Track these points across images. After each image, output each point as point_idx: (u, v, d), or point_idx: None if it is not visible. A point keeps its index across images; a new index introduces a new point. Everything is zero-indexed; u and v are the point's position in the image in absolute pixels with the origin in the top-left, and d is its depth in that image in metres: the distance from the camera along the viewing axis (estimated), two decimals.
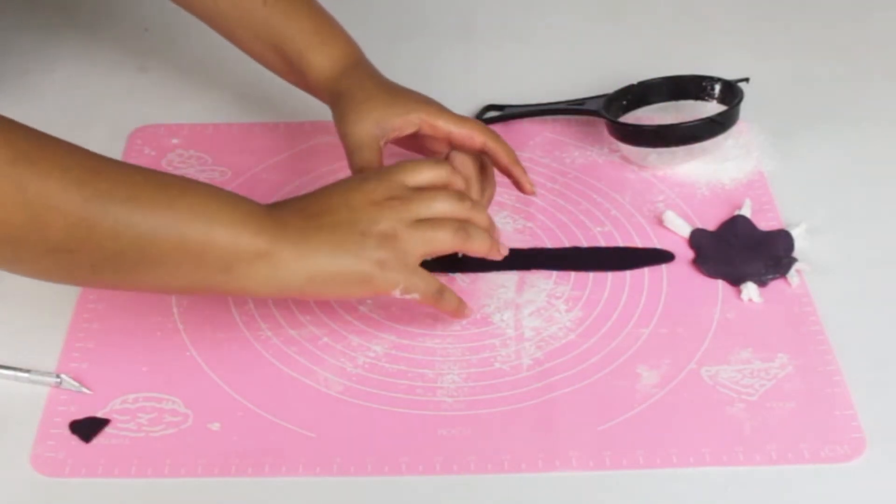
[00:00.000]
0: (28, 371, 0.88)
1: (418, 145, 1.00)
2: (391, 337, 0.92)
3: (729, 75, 1.10)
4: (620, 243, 1.01)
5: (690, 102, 1.12)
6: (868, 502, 0.82)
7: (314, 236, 0.84)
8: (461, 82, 1.02)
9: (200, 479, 0.83)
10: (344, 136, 0.98)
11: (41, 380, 0.88)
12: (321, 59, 1.01)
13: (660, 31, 1.28)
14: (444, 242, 0.88)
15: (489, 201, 0.98)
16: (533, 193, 0.99)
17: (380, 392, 0.88)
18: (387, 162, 0.95)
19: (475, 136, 0.96)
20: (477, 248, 0.89)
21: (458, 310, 0.91)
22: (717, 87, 1.11)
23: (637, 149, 1.08)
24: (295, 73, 1.03)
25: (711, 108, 1.10)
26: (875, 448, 0.84)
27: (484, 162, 0.98)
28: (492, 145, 0.97)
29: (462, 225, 0.88)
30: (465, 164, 0.95)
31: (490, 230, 0.91)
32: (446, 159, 0.95)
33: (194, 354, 0.91)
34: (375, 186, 0.87)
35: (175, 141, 1.12)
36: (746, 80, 1.09)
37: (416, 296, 0.87)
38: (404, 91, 0.99)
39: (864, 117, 1.15)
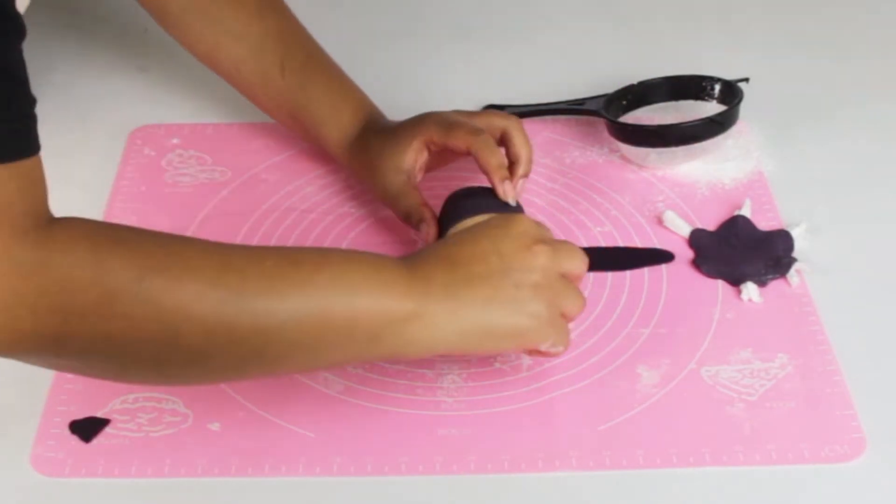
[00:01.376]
0: None
1: (448, 155, 0.99)
2: None
3: (729, 75, 1.10)
4: (620, 243, 1.01)
5: (690, 102, 1.12)
6: (868, 502, 0.82)
7: (464, 290, 0.79)
8: (461, 82, 1.02)
9: (200, 479, 0.83)
10: (380, 198, 1.00)
11: None
12: (334, 132, 1.02)
13: (660, 31, 1.28)
14: (578, 308, 0.83)
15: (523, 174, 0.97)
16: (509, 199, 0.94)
17: (380, 392, 0.88)
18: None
19: (465, 146, 0.95)
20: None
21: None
22: (717, 87, 1.11)
23: (637, 149, 1.08)
24: (315, 141, 1.06)
25: (711, 108, 1.10)
26: (875, 448, 0.84)
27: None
28: (475, 151, 0.94)
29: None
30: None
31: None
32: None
33: None
34: (524, 230, 0.83)
35: (175, 141, 1.12)
36: (746, 80, 1.09)
37: (559, 349, 0.83)
38: (402, 127, 0.99)
39: (864, 117, 1.15)
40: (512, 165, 0.96)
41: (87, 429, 0.85)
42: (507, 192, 0.94)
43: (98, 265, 0.70)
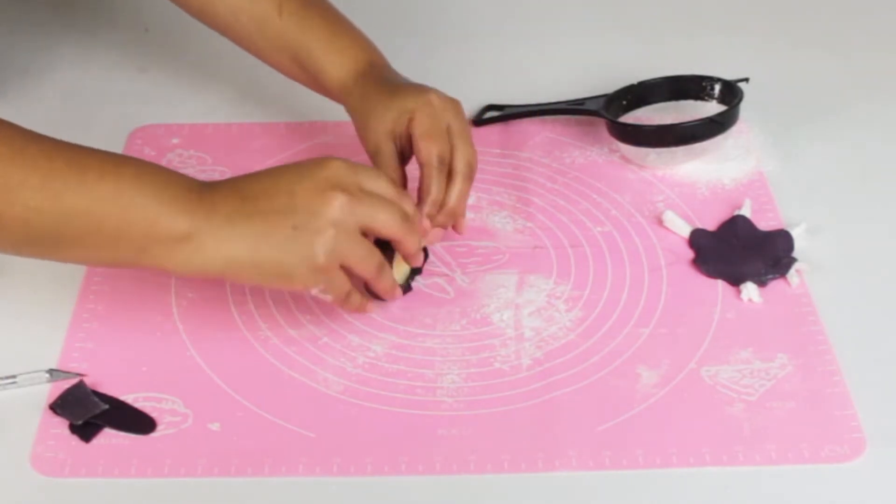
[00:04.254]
0: (14, 377, 0.88)
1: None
2: (391, 337, 0.92)
3: (729, 75, 1.10)
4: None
5: (690, 102, 1.12)
6: (868, 502, 0.82)
7: (241, 223, 0.82)
8: (461, 82, 1.02)
9: (200, 479, 0.83)
10: (362, 143, 0.99)
11: (32, 379, 0.88)
12: (335, 69, 1.01)
13: (660, 31, 1.28)
14: (365, 265, 0.85)
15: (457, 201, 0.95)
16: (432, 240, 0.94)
17: (380, 392, 0.88)
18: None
19: (421, 159, 0.94)
20: (380, 286, 0.88)
21: (360, 307, 0.89)
22: (717, 87, 1.11)
23: (637, 149, 1.08)
24: (315, 83, 1.04)
25: (711, 108, 1.10)
26: (875, 448, 0.84)
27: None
28: (425, 175, 0.93)
29: (382, 261, 0.87)
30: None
31: (414, 257, 0.90)
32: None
33: (194, 354, 0.91)
34: (329, 175, 0.83)
35: (175, 141, 1.12)
36: (746, 80, 1.10)
37: (329, 297, 0.86)
38: (403, 91, 0.97)
39: (865, 117, 1.15)
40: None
41: (87, 429, 0.85)
42: (427, 227, 0.92)
43: None
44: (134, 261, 0.83)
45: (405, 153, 0.97)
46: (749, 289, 0.95)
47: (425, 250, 0.93)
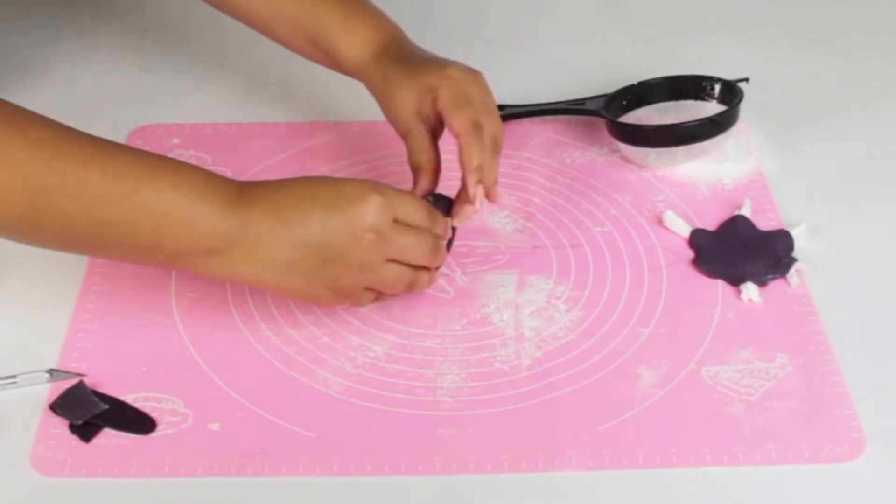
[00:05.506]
0: (14, 377, 0.88)
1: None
2: (391, 337, 0.92)
3: (729, 75, 1.10)
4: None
5: (690, 102, 1.12)
6: (868, 502, 0.82)
7: (272, 247, 0.83)
8: None
9: (200, 479, 0.83)
10: (392, 126, 0.98)
11: (32, 379, 0.88)
12: (351, 51, 1.01)
13: (660, 31, 1.28)
14: (392, 289, 0.88)
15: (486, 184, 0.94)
16: (467, 216, 0.93)
17: (380, 392, 0.88)
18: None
19: (454, 129, 0.93)
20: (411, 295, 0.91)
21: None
22: (717, 87, 1.11)
23: (637, 149, 1.08)
24: (336, 65, 1.03)
25: (711, 108, 1.10)
26: (875, 448, 0.84)
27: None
28: (463, 144, 0.92)
29: (413, 279, 0.88)
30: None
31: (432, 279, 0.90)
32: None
33: (194, 354, 0.91)
34: (365, 212, 0.84)
35: (175, 141, 1.12)
36: (746, 80, 1.10)
37: (359, 308, 0.91)
38: (423, 68, 0.97)
39: (865, 117, 1.15)
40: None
41: (87, 429, 0.85)
42: (476, 194, 0.92)
43: None
44: (168, 265, 0.86)
45: (436, 130, 0.96)
46: (749, 289, 0.96)
47: (453, 229, 0.93)
